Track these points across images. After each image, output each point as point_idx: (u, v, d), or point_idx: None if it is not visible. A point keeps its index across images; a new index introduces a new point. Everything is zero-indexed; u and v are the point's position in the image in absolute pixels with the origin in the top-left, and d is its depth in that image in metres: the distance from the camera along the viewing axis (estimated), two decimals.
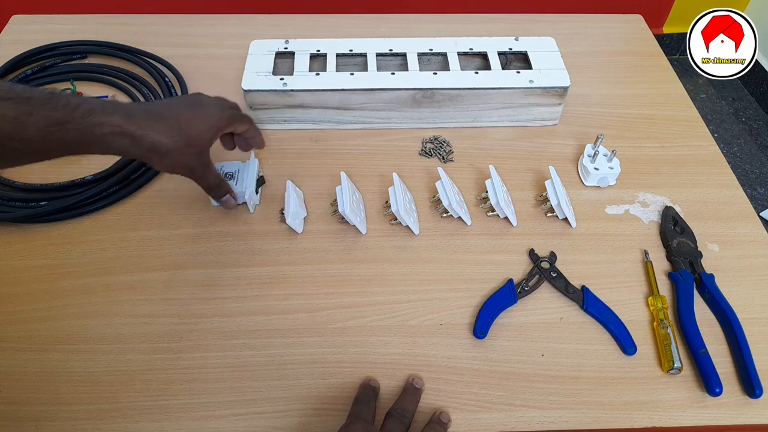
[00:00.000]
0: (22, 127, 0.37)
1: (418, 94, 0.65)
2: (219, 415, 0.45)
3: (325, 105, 0.65)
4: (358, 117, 0.67)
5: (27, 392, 0.46)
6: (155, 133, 0.44)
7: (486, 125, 0.69)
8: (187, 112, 0.48)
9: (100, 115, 0.41)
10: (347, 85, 0.64)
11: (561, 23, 0.86)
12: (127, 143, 0.43)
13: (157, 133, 0.44)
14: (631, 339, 0.49)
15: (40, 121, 0.38)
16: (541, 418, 0.46)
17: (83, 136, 0.41)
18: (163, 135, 0.44)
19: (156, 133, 0.44)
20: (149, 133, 0.44)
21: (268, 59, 0.67)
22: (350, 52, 0.69)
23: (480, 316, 0.50)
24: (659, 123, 0.71)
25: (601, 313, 0.51)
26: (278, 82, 0.64)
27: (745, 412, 0.46)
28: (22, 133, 0.38)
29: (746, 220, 0.60)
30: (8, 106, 0.37)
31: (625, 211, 0.61)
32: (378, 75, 0.66)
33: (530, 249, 0.56)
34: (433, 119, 0.68)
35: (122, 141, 0.43)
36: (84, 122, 0.40)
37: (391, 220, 0.58)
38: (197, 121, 0.48)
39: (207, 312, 0.51)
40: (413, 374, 0.47)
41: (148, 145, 0.44)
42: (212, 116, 0.49)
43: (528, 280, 0.53)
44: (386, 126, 0.68)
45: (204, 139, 0.49)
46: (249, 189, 0.57)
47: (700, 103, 1.90)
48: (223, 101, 0.53)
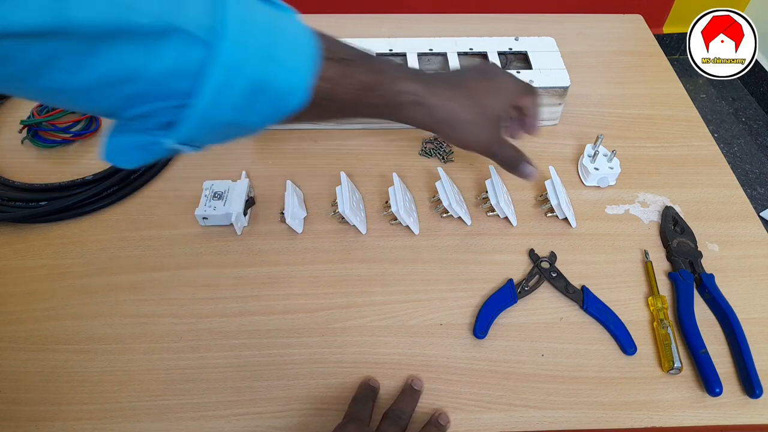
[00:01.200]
0: (339, 88, 0.37)
1: None
2: (219, 415, 0.45)
3: None
4: None
5: (27, 392, 0.46)
6: (452, 104, 0.43)
7: None
8: (482, 81, 0.45)
9: (403, 82, 0.41)
10: None
11: (561, 23, 0.86)
12: (422, 113, 0.42)
13: (455, 103, 0.43)
14: (631, 339, 0.49)
15: (354, 84, 0.37)
16: (541, 418, 0.46)
17: (387, 102, 0.40)
18: (459, 106, 0.43)
19: (453, 103, 0.43)
20: (446, 103, 0.42)
21: None
22: None
23: (480, 316, 0.50)
24: (659, 123, 0.71)
25: (601, 313, 0.51)
26: None
27: (745, 412, 0.46)
28: (337, 94, 0.37)
29: (746, 220, 0.60)
30: (333, 67, 0.36)
31: (625, 211, 0.61)
32: None
33: (530, 249, 0.56)
34: None
35: (417, 110, 0.42)
36: (390, 88, 0.40)
37: (391, 220, 0.58)
38: (492, 91, 0.45)
39: (207, 312, 0.51)
40: (412, 375, 0.47)
41: (442, 116, 0.42)
42: (507, 88, 0.47)
43: (528, 280, 0.53)
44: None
45: (498, 109, 0.46)
46: (236, 210, 0.55)
47: (700, 103, 1.91)
48: (515, 79, 0.49)
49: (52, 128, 0.65)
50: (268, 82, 0.31)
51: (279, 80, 0.32)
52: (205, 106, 0.30)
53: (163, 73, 0.28)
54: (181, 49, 0.28)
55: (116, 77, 0.28)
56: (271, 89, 0.32)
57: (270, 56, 0.31)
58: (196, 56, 0.29)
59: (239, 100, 0.31)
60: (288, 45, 0.32)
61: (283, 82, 0.32)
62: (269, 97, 0.32)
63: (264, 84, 0.31)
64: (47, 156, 0.65)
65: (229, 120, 0.32)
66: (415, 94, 0.41)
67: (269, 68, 0.31)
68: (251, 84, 0.31)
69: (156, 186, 0.62)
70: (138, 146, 0.33)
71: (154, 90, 0.29)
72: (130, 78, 0.28)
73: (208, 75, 0.29)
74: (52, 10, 0.24)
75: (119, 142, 0.33)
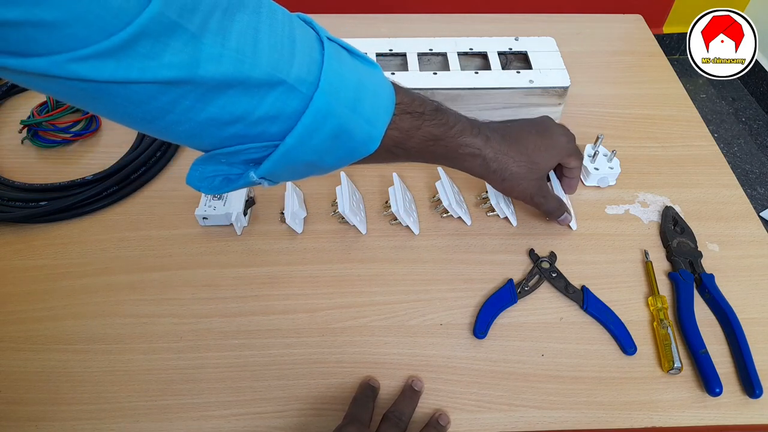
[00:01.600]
0: (409, 138, 0.41)
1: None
2: (219, 415, 0.45)
3: None
4: None
5: (27, 392, 0.46)
6: (505, 158, 0.46)
7: None
8: (537, 139, 0.49)
9: (468, 135, 0.44)
10: None
11: (561, 23, 0.86)
12: (478, 163, 0.46)
13: (508, 157, 0.47)
14: (631, 339, 0.49)
15: (424, 135, 0.41)
16: (541, 418, 0.46)
17: (448, 153, 0.44)
18: (511, 159, 0.47)
19: (506, 157, 0.46)
20: (500, 157, 0.46)
21: None
22: None
23: (480, 316, 0.50)
24: (659, 123, 0.71)
25: (601, 313, 0.51)
26: None
27: (745, 412, 0.46)
28: (406, 143, 0.41)
29: (746, 220, 0.60)
30: (406, 120, 0.40)
31: (625, 211, 0.61)
32: None
33: (530, 249, 0.56)
34: None
35: (474, 161, 0.46)
36: (454, 141, 0.44)
37: (391, 220, 0.58)
38: (544, 148, 0.49)
39: (207, 312, 0.51)
40: (413, 375, 0.47)
41: (495, 167, 0.46)
42: (559, 146, 0.51)
43: (528, 280, 0.53)
44: None
45: (547, 167, 0.50)
46: (236, 210, 0.55)
47: (700, 103, 1.91)
48: (567, 130, 0.53)
49: (52, 128, 0.65)
50: (349, 130, 0.35)
51: (358, 129, 0.36)
52: (290, 145, 0.34)
53: (263, 118, 0.32)
54: (282, 99, 0.32)
55: (223, 120, 0.32)
56: (349, 136, 0.36)
57: (353, 107, 0.35)
58: (294, 105, 0.33)
59: (321, 144, 0.35)
60: (370, 98, 0.36)
61: (361, 131, 0.36)
62: (347, 142, 0.36)
63: (345, 131, 0.35)
64: (47, 156, 0.65)
65: (309, 160, 0.36)
66: (476, 147, 0.45)
67: (351, 118, 0.35)
68: (334, 130, 0.35)
69: (156, 186, 0.62)
70: (221, 176, 0.37)
71: (252, 132, 0.33)
72: (235, 121, 0.32)
73: (301, 120, 0.33)
74: (187, 67, 0.28)
75: (205, 171, 0.37)
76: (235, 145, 0.34)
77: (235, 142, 0.34)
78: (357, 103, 0.35)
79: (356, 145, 0.37)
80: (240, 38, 0.30)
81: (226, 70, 0.29)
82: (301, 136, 0.33)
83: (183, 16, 0.27)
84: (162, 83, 0.28)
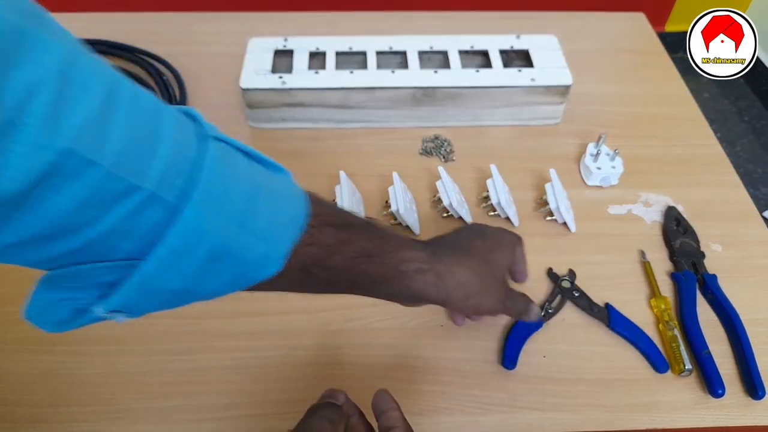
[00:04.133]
0: (334, 255, 0.34)
1: (419, 92, 0.65)
2: (217, 417, 0.45)
3: (325, 104, 0.65)
4: (358, 116, 0.67)
5: (24, 394, 0.46)
6: (460, 269, 0.38)
7: (487, 124, 0.69)
8: (483, 244, 0.42)
9: (408, 249, 0.37)
10: (347, 84, 0.64)
11: (563, 21, 0.85)
12: (431, 281, 0.37)
13: (462, 267, 0.39)
14: (662, 357, 0.48)
15: (354, 251, 0.34)
16: (543, 420, 0.45)
17: (387, 272, 0.36)
18: (468, 269, 0.39)
19: (461, 268, 0.39)
20: (456, 269, 0.38)
21: (267, 57, 0.66)
22: (350, 50, 0.69)
23: (508, 345, 0.48)
24: (662, 122, 0.70)
25: (629, 331, 0.50)
26: (277, 80, 0.63)
27: (748, 414, 0.46)
28: (331, 260, 0.34)
29: (749, 220, 0.59)
30: (328, 233, 0.33)
31: (627, 211, 0.60)
32: (378, 73, 0.65)
33: (548, 268, 0.54)
34: (433, 118, 0.68)
35: (425, 279, 0.37)
36: (393, 257, 0.36)
37: (391, 220, 0.58)
38: (493, 248, 0.42)
39: (205, 313, 0.51)
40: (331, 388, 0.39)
41: (452, 283, 0.38)
42: (510, 247, 0.44)
43: (550, 301, 0.52)
44: (386, 125, 0.68)
45: (504, 265, 0.43)
46: None
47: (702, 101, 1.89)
48: (506, 231, 0.46)
49: None
50: (234, 251, 0.28)
51: (248, 249, 0.28)
52: (150, 272, 0.26)
53: (109, 232, 0.24)
54: (136, 207, 0.24)
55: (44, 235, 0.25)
56: (236, 258, 0.28)
57: (242, 223, 0.28)
58: (155, 218, 0.25)
59: (194, 268, 0.27)
60: (267, 210, 0.30)
61: (252, 251, 0.29)
62: (232, 266, 0.29)
63: (228, 252, 0.28)
64: None
65: (178, 287, 0.28)
66: (421, 261, 0.37)
67: (239, 236, 0.28)
68: (213, 252, 0.27)
69: None
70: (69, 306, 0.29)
71: (97, 249, 0.25)
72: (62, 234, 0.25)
73: (163, 241, 0.25)
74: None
75: (49, 298, 0.29)
76: (71, 265, 0.26)
77: (69, 262, 0.26)
78: (248, 218, 0.28)
79: (247, 269, 0.29)
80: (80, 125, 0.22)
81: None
82: (164, 260, 0.26)
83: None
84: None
